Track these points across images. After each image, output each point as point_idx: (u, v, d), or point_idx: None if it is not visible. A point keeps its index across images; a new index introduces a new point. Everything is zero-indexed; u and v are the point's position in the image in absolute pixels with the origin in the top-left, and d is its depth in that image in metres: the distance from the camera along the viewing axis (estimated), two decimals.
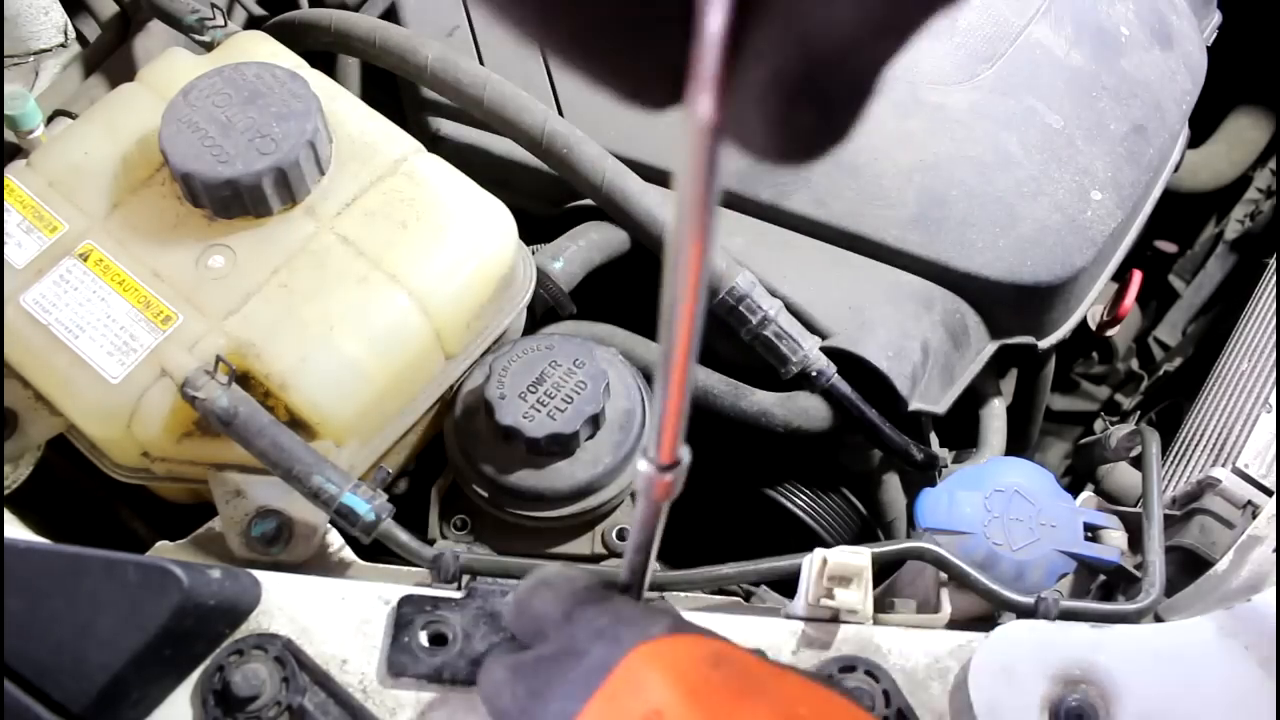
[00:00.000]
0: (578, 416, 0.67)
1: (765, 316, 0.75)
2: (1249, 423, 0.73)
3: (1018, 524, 0.62)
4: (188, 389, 0.60)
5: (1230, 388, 0.81)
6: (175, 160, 0.64)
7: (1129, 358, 1.04)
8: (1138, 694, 0.51)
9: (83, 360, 0.62)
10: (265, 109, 0.66)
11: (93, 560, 0.50)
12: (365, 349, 0.64)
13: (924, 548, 0.59)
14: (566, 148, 0.78)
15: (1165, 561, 0.60)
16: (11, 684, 0.47)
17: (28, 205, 0.67)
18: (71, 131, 0.71)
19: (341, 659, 0.54)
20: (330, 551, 0.63)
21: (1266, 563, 0.60)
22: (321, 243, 0.66)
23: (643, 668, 0.42)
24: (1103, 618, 0.56)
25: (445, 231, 0.67)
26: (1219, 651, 0.52)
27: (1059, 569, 0.61)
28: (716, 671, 0.43)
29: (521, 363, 0.69)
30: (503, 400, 0.67)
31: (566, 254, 0.79)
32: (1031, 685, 0.52)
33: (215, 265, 0.65)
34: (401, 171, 0.69)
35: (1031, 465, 0.65)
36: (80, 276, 0.64)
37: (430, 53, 0.80)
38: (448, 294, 0.67)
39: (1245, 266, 1.03)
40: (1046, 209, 0.81)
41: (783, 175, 0.82)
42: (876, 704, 0.52)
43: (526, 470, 0.68)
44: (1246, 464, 0.69)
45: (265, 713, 0.51)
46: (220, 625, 0.53)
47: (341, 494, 0.59)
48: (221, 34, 0.78)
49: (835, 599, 0.54)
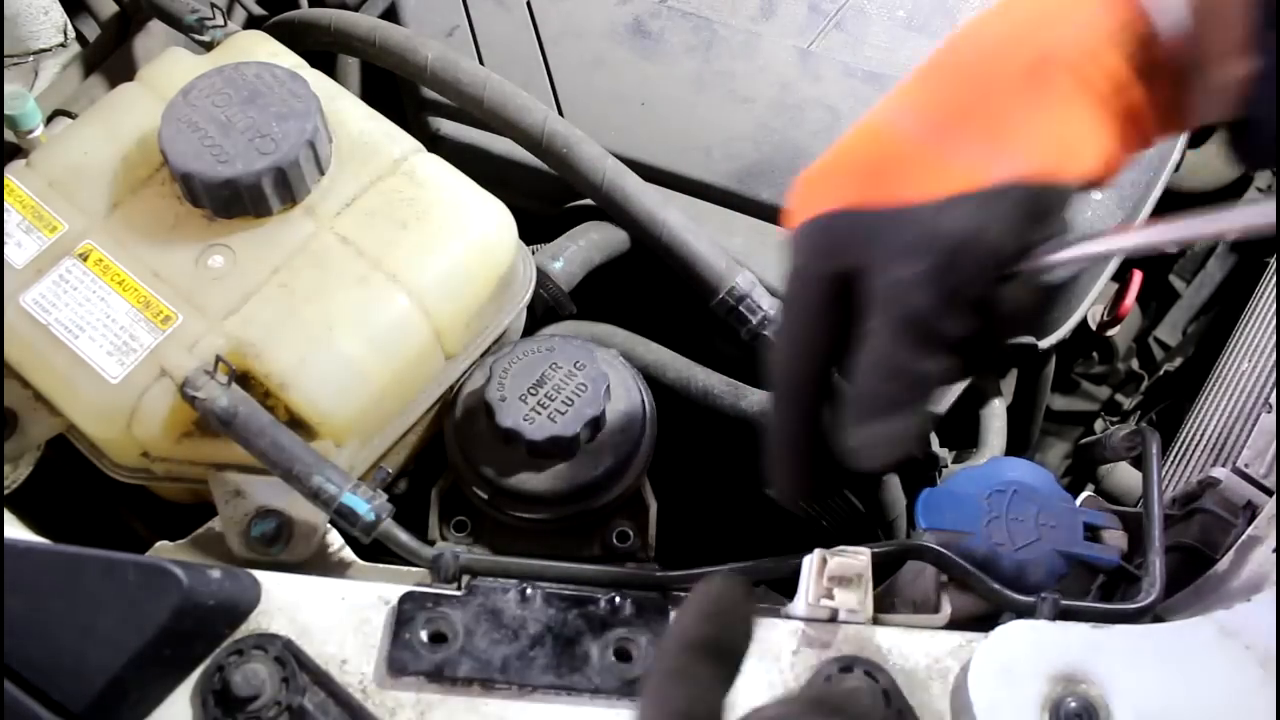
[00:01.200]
0: (578, 419, 0.67)
1: (765, 316, 0.75)
2: (1249, 423, 0.73)
3: (1018, 524, 0.62)
4: (188, 389, 0.60)
5: (1230, 388, 0.81)
6: (175, 160, 0.64)
7: (1129, 358, 1.03)
8: (1138, 694, 0.51)
9: (83, 360, 0.62)
10: (265, 109, 0.66)
11: (92, 560, 0.50)
12: (365, 349, 0.64)
13: (924, 548, 0.59)
14: (566, 148, 0.78)
15: (1165, 561, 0.60)
16: (11, 684, 0.47)
17: (27, 205, 0.67)
18: (71, 131, 0.71)
19: (341, 659, 0.54)
20: (330, 551, 0.63)
21: (1266, 563, 0.60)
22: (321, 243, 0.66)
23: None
24: (1103, 618, 0.56)
25: (445, 231, 0.67)
26: (1219, 651, 0.52)
27: (1059, 569, 0.61)
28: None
29: (522, 364, 0.69)
30: (503, 402, 0.67)
31: (566, 254, 0.79)
32: (1031, 685, 0.52)
33: (215, 265, 0.65)
34: (401, 171, 0.69)
35: (1031, 465, 0.65)
36: (80, 276, 0.64)
37: (430, 53, 0.80)
38: (448, 294, 0.67)
39: (1245, 266, 1.03)
40: None
41: (784, 175, 0.83)
42: (876, 704, 0.52)
43: (527, 472, 0.68)
44: (1246, 464, 0.69)
45: (265, 713, 0.51)
46: (220, 625, 0.53)
47: (341, 494, 0.59)
48: (221, 34, 0.78)
49: (835, 599, 0.54)
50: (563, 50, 0.87)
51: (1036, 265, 0.48)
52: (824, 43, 0.88)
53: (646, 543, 0.70)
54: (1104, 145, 0.49)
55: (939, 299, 0.47)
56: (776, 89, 0.86)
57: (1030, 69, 0.48)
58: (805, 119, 0.84)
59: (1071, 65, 0.48)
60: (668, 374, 0.78)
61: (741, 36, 0.88)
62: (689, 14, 0.89)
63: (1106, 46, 0.48)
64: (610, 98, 0.85)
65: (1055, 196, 0.48)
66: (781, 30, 0.89)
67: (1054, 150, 0.48)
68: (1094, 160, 0.49)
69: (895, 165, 0.49)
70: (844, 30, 0.89)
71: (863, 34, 0.89)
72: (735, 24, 0.89)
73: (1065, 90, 0.48)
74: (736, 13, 0.89)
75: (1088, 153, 0.48)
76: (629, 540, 0.70)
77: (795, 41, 0.88)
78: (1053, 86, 0.48)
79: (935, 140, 0.49)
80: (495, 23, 0.89)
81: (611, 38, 0.88)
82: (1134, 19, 0.48)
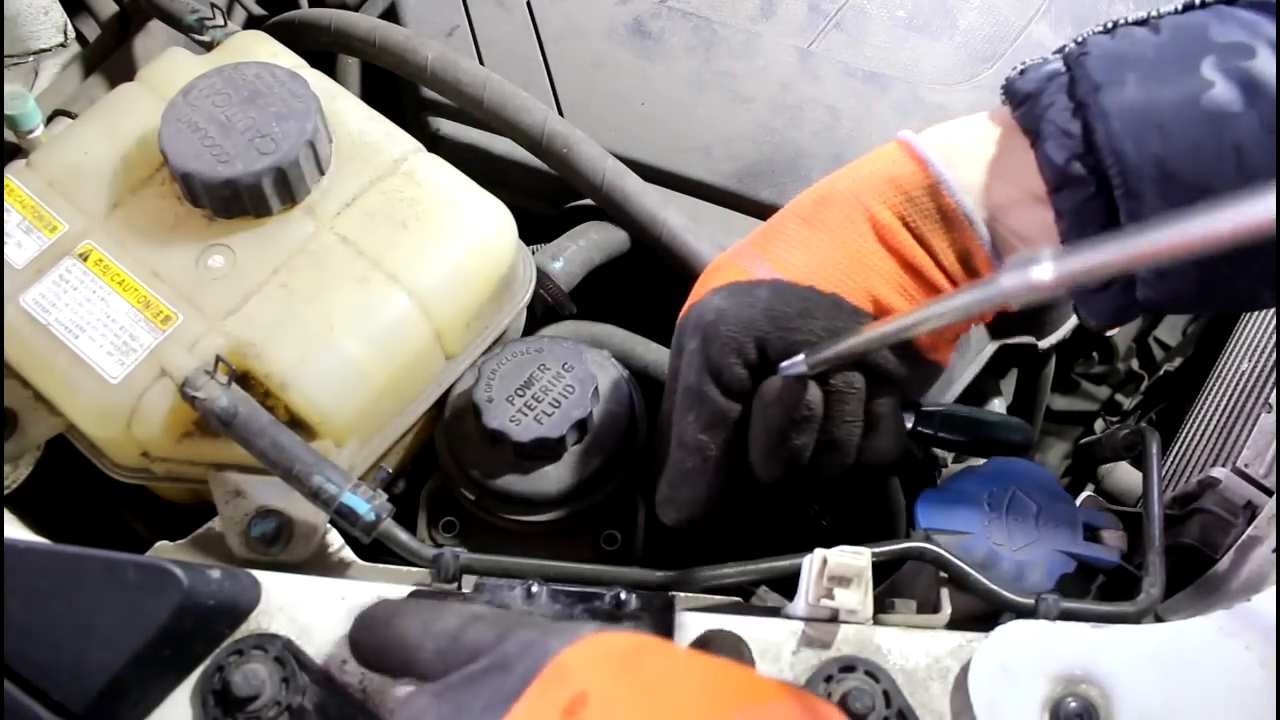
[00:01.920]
0: (564, 421, 0.67)
1: None
2: (1249, 423, 0.73)
3: (1018, 524, 0.62)
4: (187, 389, 0.60)
5: (1230, 388, 0.81)
6: (175, 160, 0.64)
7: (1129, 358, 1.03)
8: (1138, 694, 0.51)
9: (83, 360, 0.62)
10: (265, 109, 0.66)
11: (92, 560, 0.50)
12: (365, 349, 0.64)
13: (924, 548, 0.59)
14: (566, 148, 0.78)
15: (1165, 561, 0.60)
16: (11, 684, 0.47)
17: (27, 205, 0.67)
18: (71, 131, 0.71)
19: (341, 659, 0.54)
20: (330, 551, 0.63)
21: (1266, 563, 0.60)
22: (321, 242, 0.66)
23: (569, 661, 0.42)
24: (1103, 618, 0.56)
25: (445, 231, 0.67)
26: (1219, 651, 0.52)
27: (1059, 569, 0.61)
28: (642, 656, 0.43)
29: (510, 365, 0.69)
30: (490, 403, 0.67)
31: (566, 254, 0.79)
32: (1031, 685, 0.52)
33: (215, 265, 0.65)
34: (401, 171, 0.69)
35: (1031, 465, 0.65)
36: (80, 276, 0.64)
37: (430, 53, 0.80)
38: (448, 294, 0.67)
39: None
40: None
41: (784, 175, 0.83)
42: (877, 704, 0.52)
43: (514, 474, 0.68)
44: (1246, 464, 0.69)
45: (265, 713, 0.51)
46: (220, 625, 0.53)
47: (341, 494, 0.58)
48: (221, 34, 0.78)
49: (835, 599, 0.54)
50: (563, 50, 0.87)
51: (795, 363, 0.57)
52: (824, 43, 0.88)
53: (635, 546, 0.70)
54: (877, 267, 0.59)
55: (700, 362, 0.59)
56: (776, 89, 0.86)
57: (816, 201, 0.60)
58: (805, 119, 0.84)
59: (850, 198, 0.59)
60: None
61: (741, 36, 0.88)
62: (689, 14, 0.89)
63: (888, 187, 0.58)
64: (610, 98, 0.85)
65: (813, 297, 0.58)
66: (781, 30, 0.89)
67: (816, 257, 0.59)
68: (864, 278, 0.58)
69: (705, 276, 0.63)
70: (844, 30, 0.89)
71: (863, 34, 0.89)
72: (735, 24, 0.89)
73: (839, 216, 0.59)
74: (736, 13, 0.89)
75: (855, 269, 0.58)
76: (617, 544, 0.70)
77: (795, 41, 0.88)
78: (829, 213, 0.59)
79: (730, 255, 0.62)
80: (495, 23, 0.89)
81: (611, 38, 0.88)
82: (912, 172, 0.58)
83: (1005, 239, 0.58)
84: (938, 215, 0.58)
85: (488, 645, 0.46)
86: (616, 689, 0.40)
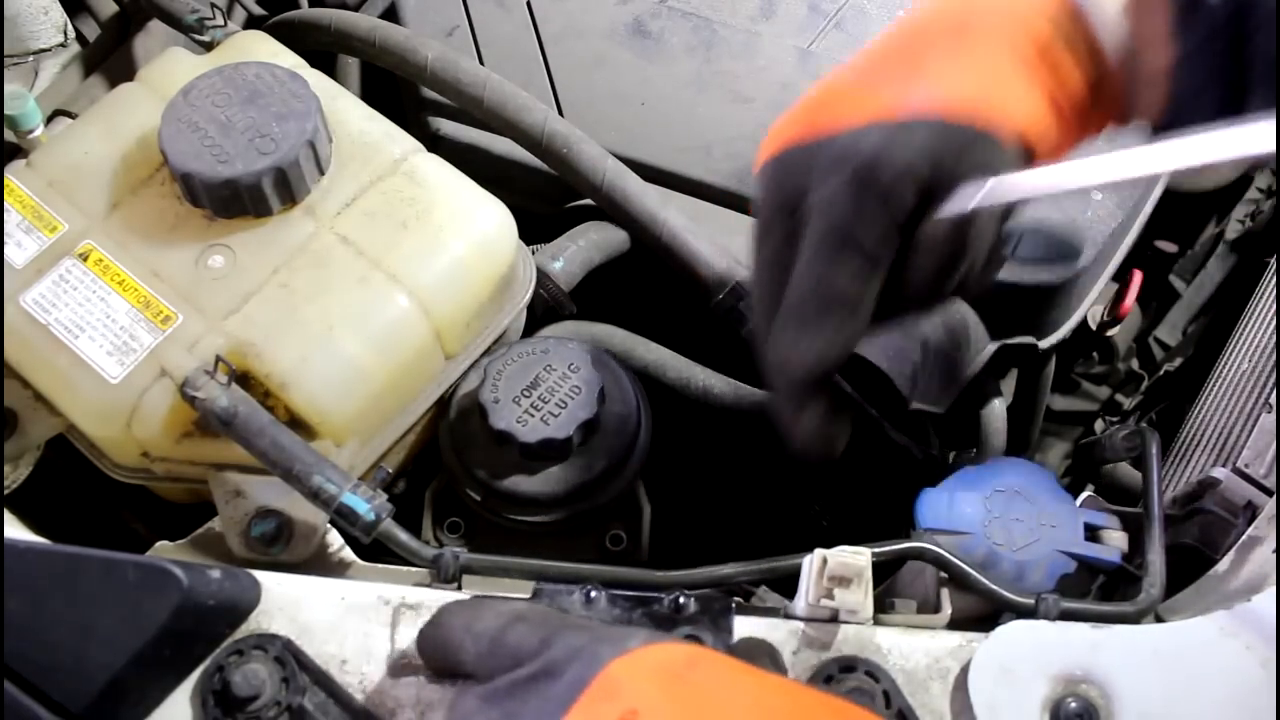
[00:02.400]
0: (571, 422, 0.67)
1: None
2: (1249, 423, 0.73)
3: (1018, 524, 0.62)
4: (187, 389, 0.60)
5: (1230, 388, 0.81)
6: (175, 160, 0.64)
7: (1129, 358, 1.03)
8: (1138, 694, 0.51)
9: (82, 360, 0.62)
10: (265, 109, 0.66)
11: (92, 560, 0.50)
12: (365, 349, 0.64)
13: (924, 548, 0.59)
14: (566, 148, 0.78)
15: (1165, 561, 0.60)
16: (11, 684, 0.47)
17: (27, 205, 0.67)
18: (71, 131, 0.71)
19: (341, 659, 0.53)
20: (330, 551, 0.63)
21: (1266, 563, 0.60)
22: (321, 242, 0.66)
23: (619, 675, 0.42)
24: (1103, 618, 0.56)
25: (445, 231, 0.67)
26: (1219, 652, 0.52)
27: (1059, 569, 0.61)
28: (693, 671, 0.43)
29: (516, 366, 0.69)
30: (496, 404, 0.67)
31: (566, 254, 0.79)
32: (1031, 685, 0.52)
33: (215, 265, 0.65)
34: (401, 171, 0.69)
35: (1031, 465, 0.65)
36: (80, 276, 0.64)
37: (430, 53, 0.80)
38: (448, 294, 0.67)
39: (1246, 266, 1.03)
40: (1046, 209, 0.81)
41: None
42: (877, 704, 0.52)
43: (520, 474, 0.68)
44: (1246, 464, 0.68)
45: (265, 713, 0.51)
46: (220, 625, 0.53)
47: (341, 494, 0.58)
48: (221, 34, 0.78)
49: (835, 599, 0.54)
50: (563, 50, 0.87)
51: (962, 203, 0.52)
52: (824, 43, 0.88)
53: (640, 546, 0.70)
54: (1027, 103, 0.52)
55: (853, 207, 0.52)
56: (776, 89, 0.86)
57: (956, 26, 0.54)
58: None
59: (996, 24, 0.53)
60: (668, 374, 0.78)
61: (741, 36, 0.88)
62: (689, 14, 0.89)
63: (1032, 12, 0.53)
64: (610, 98, 0.85)
65: (972, 136, 0.52)
66: (781, 30, 0.89)
67: (969, 91, 0.52)
68: (1017, 114, 0.52)
69: (831, 103, 0.56)
70: (844, 30, 0.89)
71: (863, 34, 0.89)
72: (735, 24, 0.89)
73: (987, 45, 0.53)
74: (736, 13, 0.89)
75: (1008, 103, 0.52)
76: (622, 544, 0.70)
77: (795, 41, 0.88)
78: (975, 41, 0.53)
79: (864, 81, 0.56)
80: (495, 23, 0.89)
81: (611, 38, 0.88)
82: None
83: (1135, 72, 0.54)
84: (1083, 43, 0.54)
85: (531, 650, 0.46)
86: (667, 707, 0.40)
